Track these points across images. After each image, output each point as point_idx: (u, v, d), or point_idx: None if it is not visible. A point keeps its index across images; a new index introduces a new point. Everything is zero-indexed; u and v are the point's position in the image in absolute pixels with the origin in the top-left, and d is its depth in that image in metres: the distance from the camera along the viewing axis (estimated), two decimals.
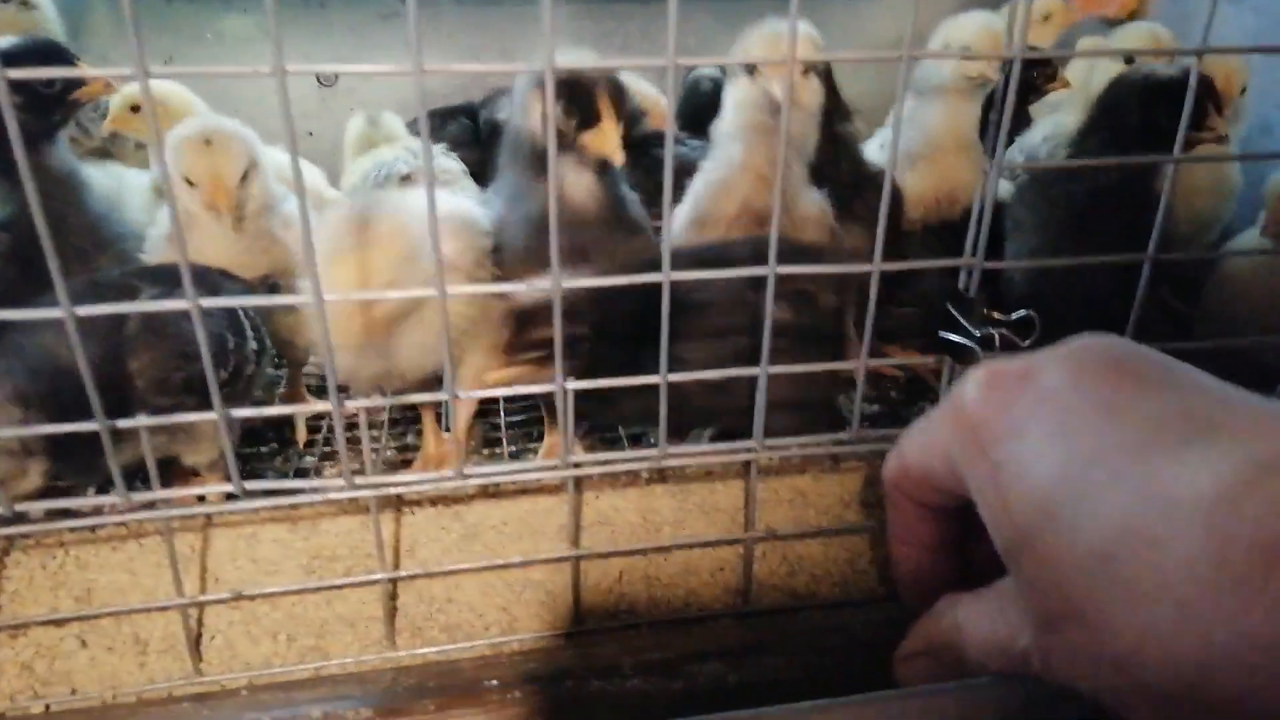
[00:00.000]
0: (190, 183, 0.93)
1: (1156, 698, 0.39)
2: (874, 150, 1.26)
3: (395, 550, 0.68)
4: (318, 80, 1.51)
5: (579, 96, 0.80)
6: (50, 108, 0.96)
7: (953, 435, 0.49)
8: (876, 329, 1.15)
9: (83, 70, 0.72)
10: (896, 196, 1.15)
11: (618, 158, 0.82)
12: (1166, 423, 0.41)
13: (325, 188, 1.35)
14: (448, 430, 0.99)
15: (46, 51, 0.98)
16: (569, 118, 0.81)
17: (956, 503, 0.52)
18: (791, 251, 0.71)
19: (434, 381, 0.85)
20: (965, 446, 0.48)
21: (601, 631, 0.65)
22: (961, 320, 0.62)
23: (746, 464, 0.67)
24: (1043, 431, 0.44)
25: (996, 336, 0.60)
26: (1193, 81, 0.62)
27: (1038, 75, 1.14)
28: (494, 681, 0.60)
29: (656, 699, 0.60)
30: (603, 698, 0.60)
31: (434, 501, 0.71)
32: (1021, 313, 0.62)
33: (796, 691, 0.61)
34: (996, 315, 0.62)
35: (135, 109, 1.20)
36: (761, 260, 0.55)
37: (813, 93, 0.93)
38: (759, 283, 0.55)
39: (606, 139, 0.81)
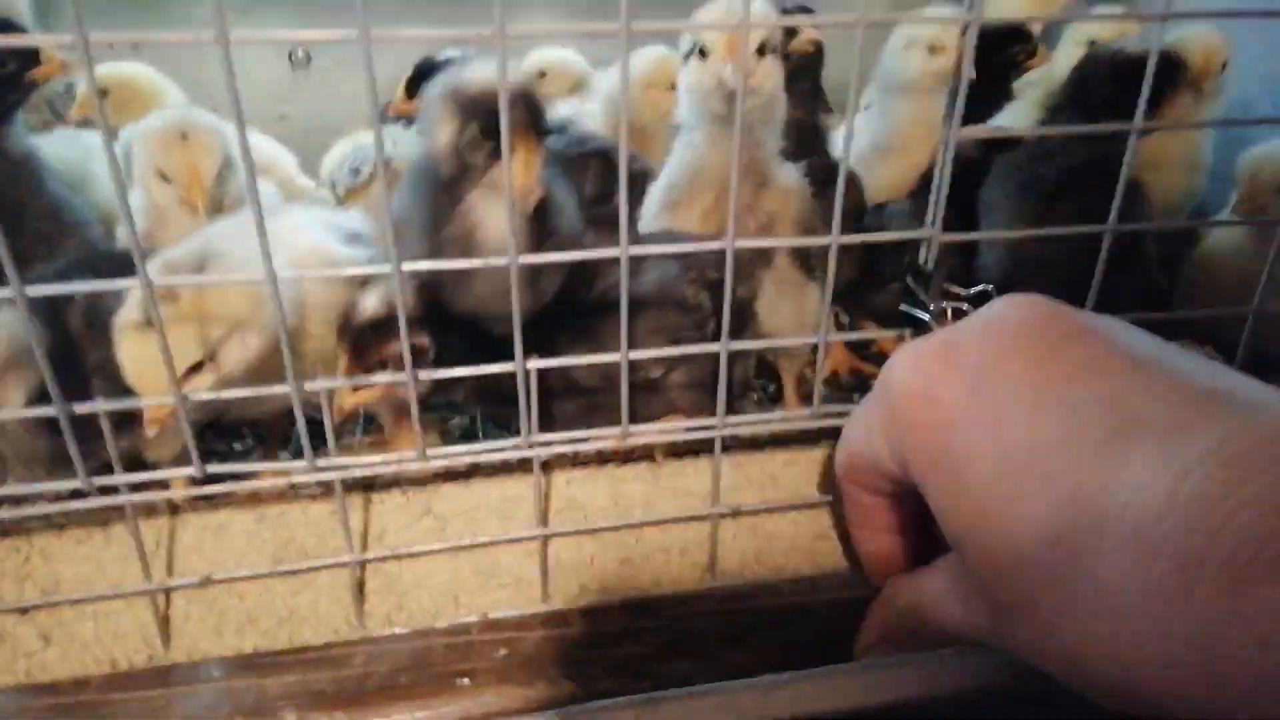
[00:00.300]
0: (164, 177, 0.93)
1: (1104, 690, 0.40)
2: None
3: (364, 537, 0.68)
4: (290, 61, 1.50)
5: (490, 120, 0.68)
6: (4, 88, 0.94)
7: (888, 422, 0.49)
8: (856, 315, 1.15)
9: (22, 39, 0.70)
10: (857, 182, 1.14)
11: (531, 195, 0.69)
12: (1091, 416, 0.41)
13: (296, 174, 1.33)
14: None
15: None
16: (477, 147, 0.70)
17: (908, 488, 0.52)
18: None
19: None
20: (901, 435, 0.48)
21: (573, 613, 0.65)
22: (920, 294, 0.62)
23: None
24: (972, 424, 0.45)
25: (950, 311, 0.60)
26: (1154, 49, 0.62)
27: (1018, 52, 1.12)
28: (466, 666, 0.60)
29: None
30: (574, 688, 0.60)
31: (403, 489, 0.71)
32: (980, 287, 0.62)
33: None
34: (955, 290, 0.62)
35: (104, 93, 1.17)
36: None
37: (768, 75, 0.87)
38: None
39: (520, 171, 0.68)
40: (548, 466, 0.73)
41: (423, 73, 1.08)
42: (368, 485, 0.71)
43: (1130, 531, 0.37)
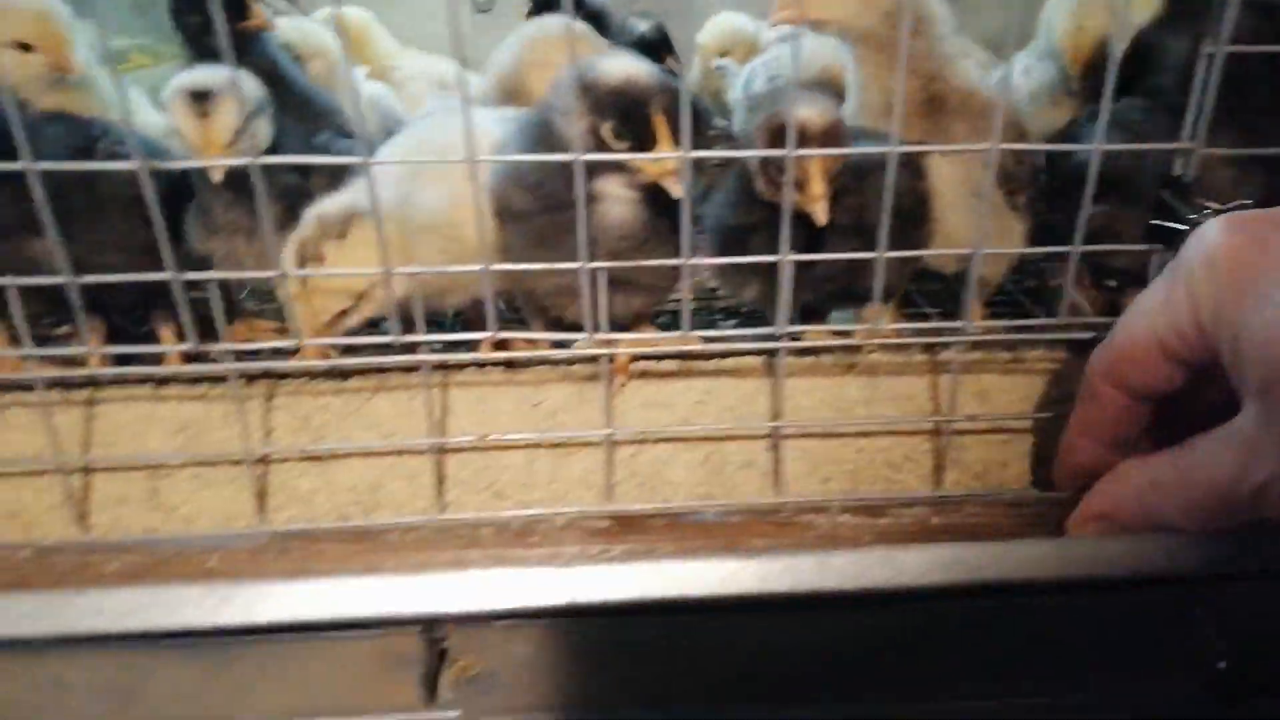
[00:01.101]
0: None
1: None
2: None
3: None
4: (474, 6, 1.57)
5: (633, 114, 0.67)
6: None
7: (1200, 283, 0.51)
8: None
9: None
10: None
11: (676, 189, 0.67)
12: None
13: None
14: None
15: None
16: (619, 140, 0.69)
17: (1184, 378, 0.54)
18: None
19: None
20: (1217, 289, 0.50)
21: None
22: (1176, 206, 0.63)
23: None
24: None
25: None
26: None
27: None
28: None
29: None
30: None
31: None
32: (1238, 202, 0.63)
33: None
34: (1210, 204, 0.63)
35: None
36: None
37: None
38: None
39: (664, 165, 0.67)
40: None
41: (541, 4, 1.10)
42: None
43: None
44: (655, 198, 0.71)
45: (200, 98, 0.75)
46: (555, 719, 0.64)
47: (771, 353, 0.72)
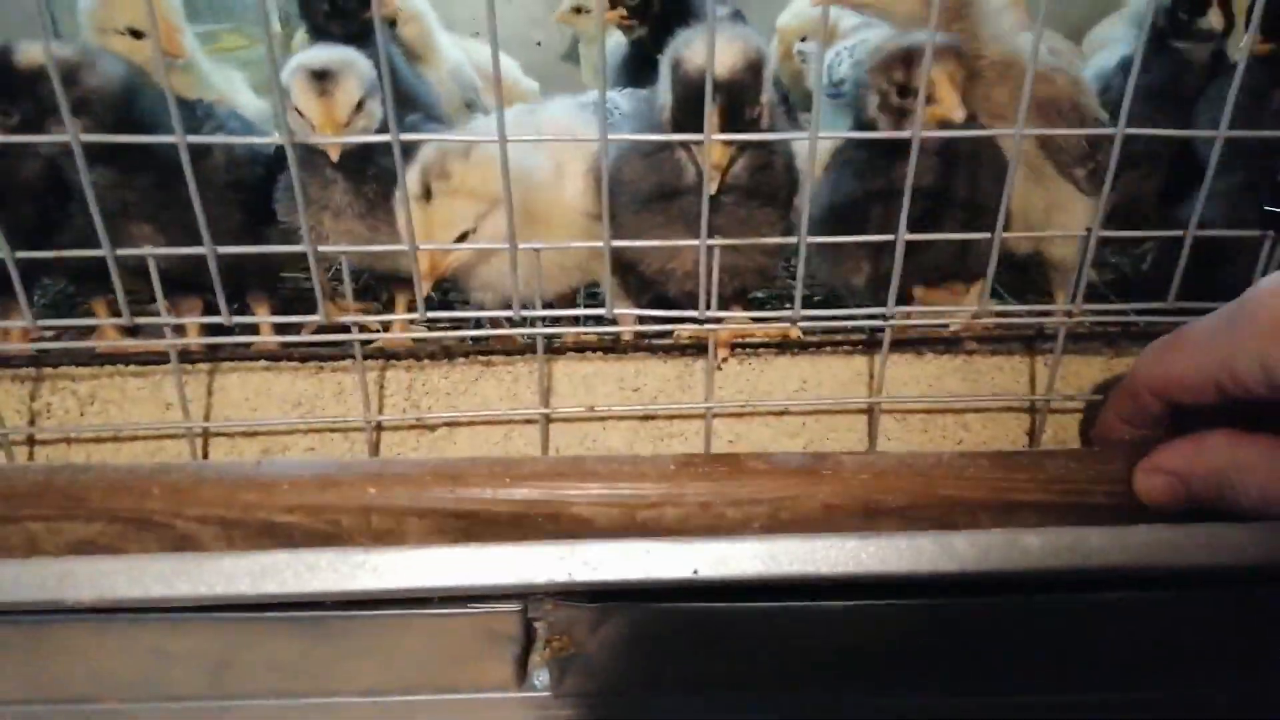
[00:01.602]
0: None
1: None
2: None
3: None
4: None
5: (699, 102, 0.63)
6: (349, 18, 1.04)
7: (1261, 334, 0.53)
8: None
9: None
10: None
11: (712, 185, 0.67)
12: None
13: (521, 77, 1.43)
14: None
15: None
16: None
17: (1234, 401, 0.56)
18: None
19: None
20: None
21: None
22: None
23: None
24: None
25: None
26: None
27: None
28: None
29: None
30: None
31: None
32: None
33: None
34: None
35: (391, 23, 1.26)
36: None
37: None
38: None
39: (717, 151, 0.68)
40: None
41: None
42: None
43: None
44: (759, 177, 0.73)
45: (321, 76, 0.77)
46: (647, 701, 0.65)
47: (874, 333, 0.72)
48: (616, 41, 1.15)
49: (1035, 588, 0.59)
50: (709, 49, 0.55)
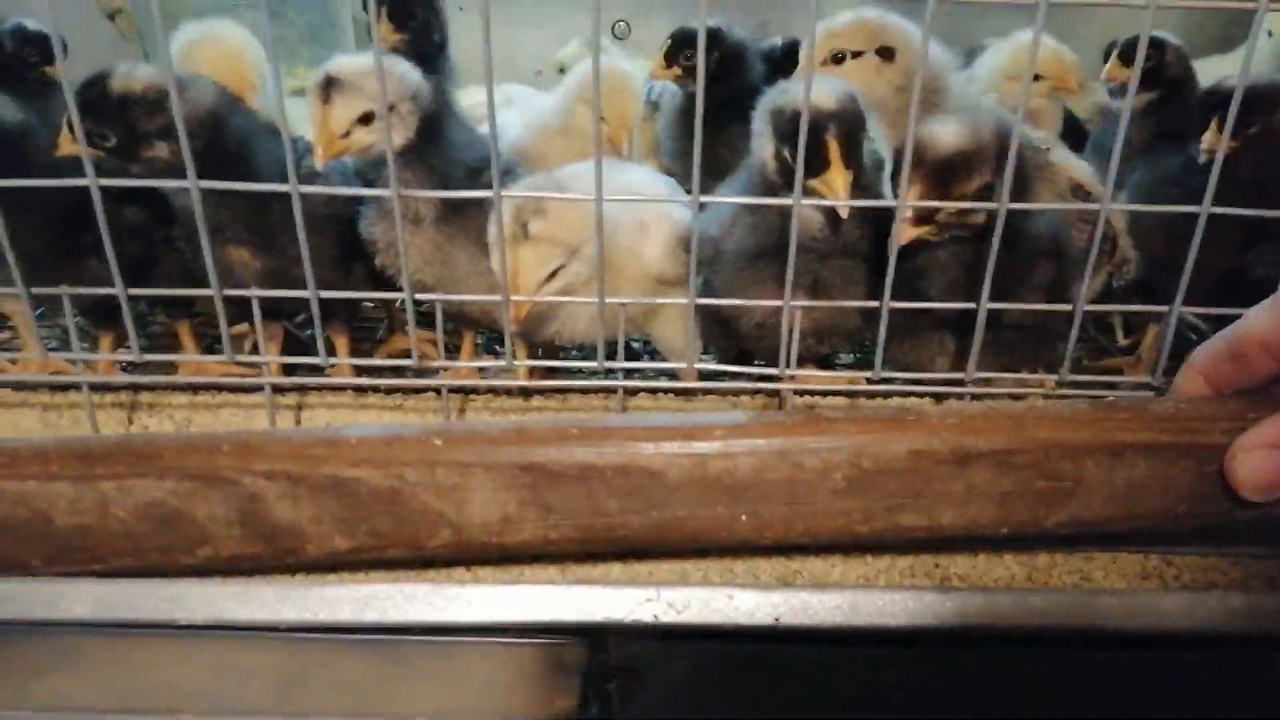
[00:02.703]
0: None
1: None
2: None
3: None
4: (613, 32, 1.62)
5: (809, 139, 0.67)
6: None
7: None
8: None
9: None
10: None
11: (843, 210, 0.70)
12: None
13: None
14: None
15: None
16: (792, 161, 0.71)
17: None
18: None
19: None
20: None
21: None
22: None
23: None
24: None
25: None
26: None
27: None
28: None
29: None
30: None
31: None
32: None
33: None
34: None
35: None
36: None
37: None
38: None
39: (832, 186, 0.69)
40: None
41: (680, 42, 1.10)
42: None
43: None
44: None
45: (327, 85, 0.74)
46: None
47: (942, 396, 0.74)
48: (671, 90, 1.18)
49: (1110, 645, 0.59)
50: (805, 87, 0.59)
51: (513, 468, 0.57)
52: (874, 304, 0.68)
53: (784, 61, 1.20)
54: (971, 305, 0.65)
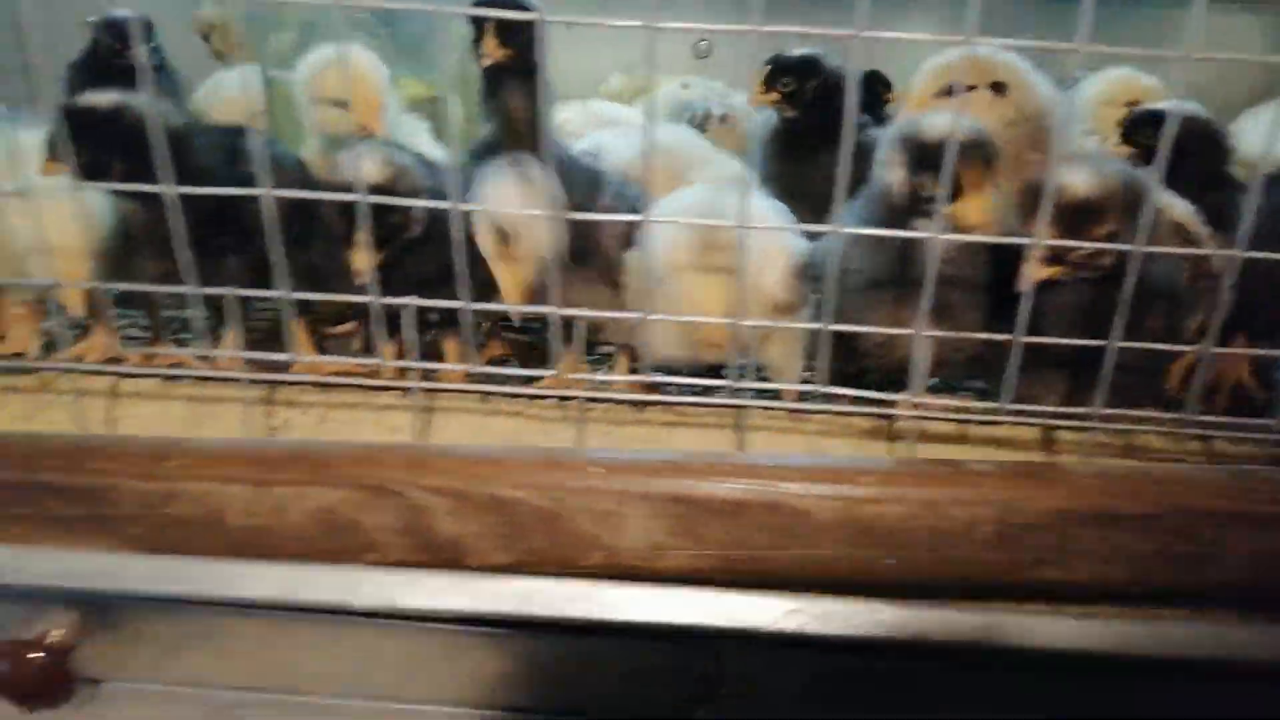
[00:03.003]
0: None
1: None
2: None
3: None
4: (693, 51, 1.62)
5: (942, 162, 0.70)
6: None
7: None
8: None
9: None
10: None
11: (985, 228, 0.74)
12: None
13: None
14: None
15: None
16: (931, 186, 0.74)
17: None
18: None
19: None
20: None
21: None
22: None
23: None
24: None
25: None
26: None
27: None
28: None
29: None
30: None
31: None
32: None
33: None
34: None
35: None
36: None
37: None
38: None
39: (972, 212, 0.73)
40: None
41: (778, 68, 1.12)
42: None
43: None
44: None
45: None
46: None
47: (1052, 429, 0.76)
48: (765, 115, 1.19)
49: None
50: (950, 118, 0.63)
51: (666, 498, 0.61)
52: (1005, 336, 0.69)
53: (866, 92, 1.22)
54: (1102, 343, 0.66)
